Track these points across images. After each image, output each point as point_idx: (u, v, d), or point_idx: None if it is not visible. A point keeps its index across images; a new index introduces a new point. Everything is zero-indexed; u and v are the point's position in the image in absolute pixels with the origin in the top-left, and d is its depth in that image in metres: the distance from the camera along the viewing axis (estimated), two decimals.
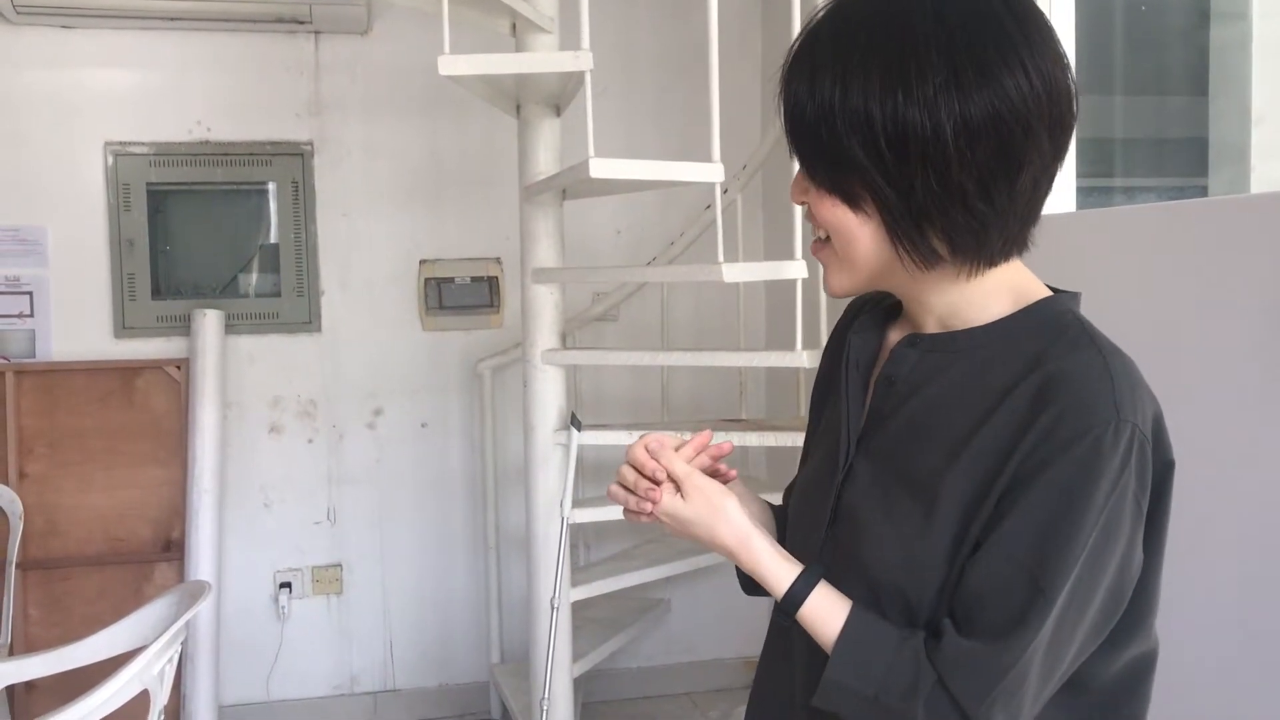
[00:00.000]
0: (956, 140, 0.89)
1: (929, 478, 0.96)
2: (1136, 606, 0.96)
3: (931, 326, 1.03)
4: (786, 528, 1.19)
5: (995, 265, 0.98)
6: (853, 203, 0.96)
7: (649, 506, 1.07)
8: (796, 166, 1.01)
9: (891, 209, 0.94)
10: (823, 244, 1.02)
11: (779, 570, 1.03)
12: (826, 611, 0.99)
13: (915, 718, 0.93)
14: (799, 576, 1.02)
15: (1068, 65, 0.93)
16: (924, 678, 0.93)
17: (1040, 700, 0.94)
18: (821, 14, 0.97)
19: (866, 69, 0.90)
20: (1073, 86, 0.93)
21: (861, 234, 0.97)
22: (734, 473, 1.15)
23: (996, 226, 0.94)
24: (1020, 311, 0.99)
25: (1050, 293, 1.01)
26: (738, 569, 1.10)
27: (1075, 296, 1.01)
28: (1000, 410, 0.93)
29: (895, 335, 1.08)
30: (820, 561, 1.05)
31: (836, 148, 0.93)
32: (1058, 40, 0.93)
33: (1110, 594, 0.93)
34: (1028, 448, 0.90)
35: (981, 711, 0.91)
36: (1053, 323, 0.97)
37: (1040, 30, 0.92)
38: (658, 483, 1.07)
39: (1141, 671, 1.01)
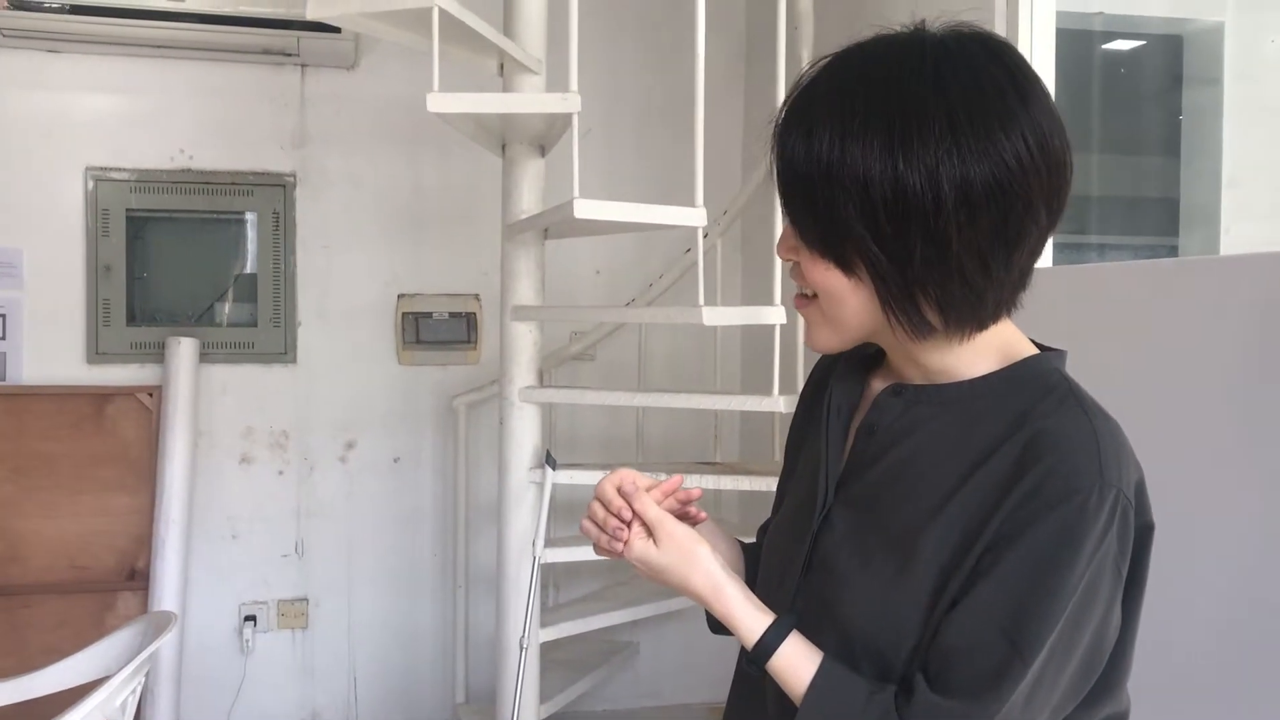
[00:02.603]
0: (956, 212, 0.87)
1: (908, 532, 0.95)
2: (1111, 668, 0.95)
3: (916, 379, 1.02)
4: (758, 568, 1.18)
5: (985, 329, 0.97)
6: (845, 267, 0.94)
7: (619, 547, 1.05)
8: (784, 221, 0.99)
9: (885, 278, 0.92)
10: (808, 300, 1.00)
11: (750, 620, 1.01)
12: (797, 663, 0.98)
13: None
14: (770, 627, 1.00)
15: (1065, 134, 0.92)
16: None
17: None
18: (818, 71, 0.95)
19: (866, 131, 0.88)
20: (1069, 155, 0.92)
21: (852, 299, 0.95)
22: (704, 515, 1.13)
23: (992, 296, 0.93)
24: (1007, 368, 0.98)
25: (1036, 350, 1.00)
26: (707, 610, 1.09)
27: (1061, 355, 1.01)
28: (984, 467, 0.93)
29: (878, 384, 1.07)
30: (793, 609, 1.03)
31: (831, 210, 0.91)
32: (1056, 109, 0.92)
33: (1087, 657, 0.92)
34: (1010, 506, 0.89)
35: None
36: (1039, 381, 0.97)
37: (1040, 100, 0.91)
38: (626, 521, 1.05)
39: None
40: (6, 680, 2.23)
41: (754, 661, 1.00)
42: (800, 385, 2.66)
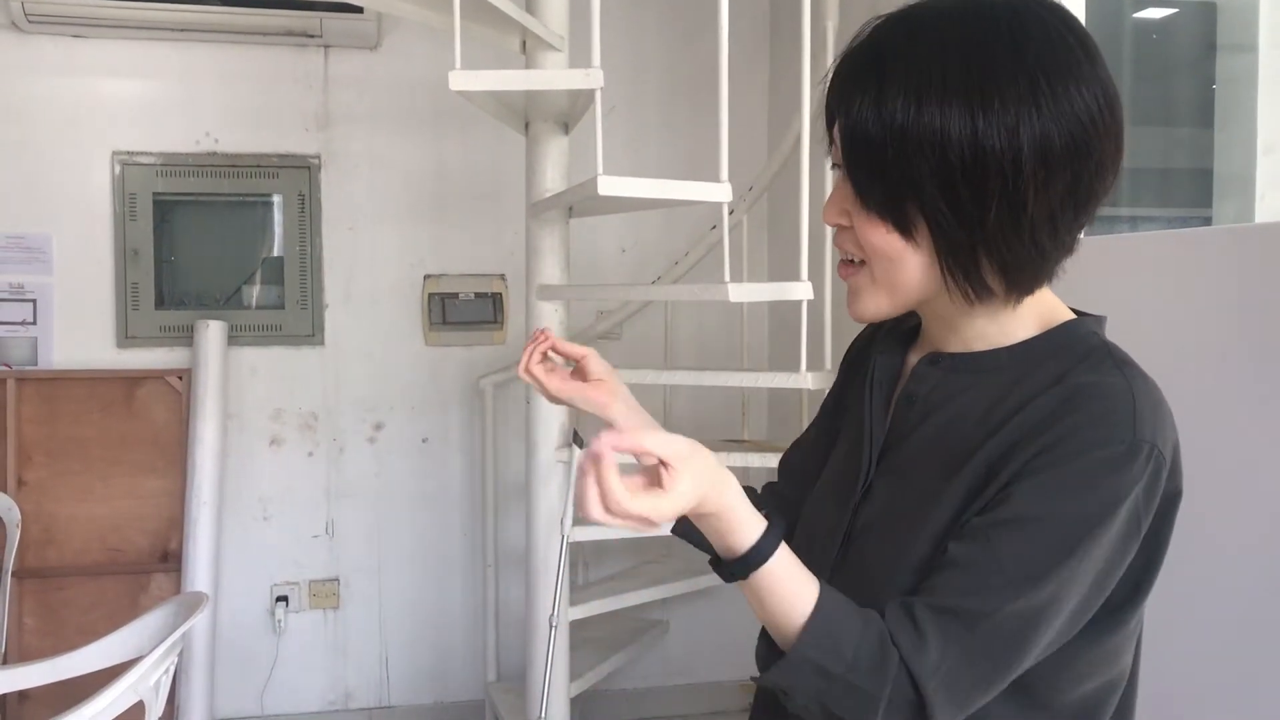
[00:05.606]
0: (1035, 173, 0.86)
1: (937, 486, 0.95)
2: (1120, 631, 0.94)
3: (954, 347, 1.01)
4: (791, 539, 1.16)
5: (1033, 294, 0.96)
6: (905, 230, 0.92)
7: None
8: (835, 184, 0.97)
9: (949, 239, 0.91)
10: (855, 267, 0.98)
11: (747, 523, 0.89)
12: (790, 574, 0.90)
13: (880, 700, 0.87)
14: (766, 531, 0.90)
15: (1119, 94, 0.91)
16: (889, 658, 0.88)
17: (990, 689, 0.89)
18: (879, 32, 0.93)
19: (944, 92, 0.86)
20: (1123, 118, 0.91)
21: (911, 262, 0.93)
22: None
23: (1055, 259, 0.93)
24: (1046, 333, 0.97)
25: (1074, 316, 0.99)
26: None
27: (1100, 320, 1.00)
28: (1017, 417, 0.91)
29: (915, 355, 1.06)
30: (833, 581, 1.03)
31: (903, 171, 0.89)
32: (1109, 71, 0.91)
33: (1083, 602, 0.89)
34: (1038, 447, 0.88)
35: (928, 684, 0.87)
36: (1077, 345, 0.95)
37: (1102, 60, 0.90)
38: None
39: (1108, 696, 0.98)
40: (43, 660, 2.25)
41: (741, 567, 0.90)
42: (828, 362, 2.66)
